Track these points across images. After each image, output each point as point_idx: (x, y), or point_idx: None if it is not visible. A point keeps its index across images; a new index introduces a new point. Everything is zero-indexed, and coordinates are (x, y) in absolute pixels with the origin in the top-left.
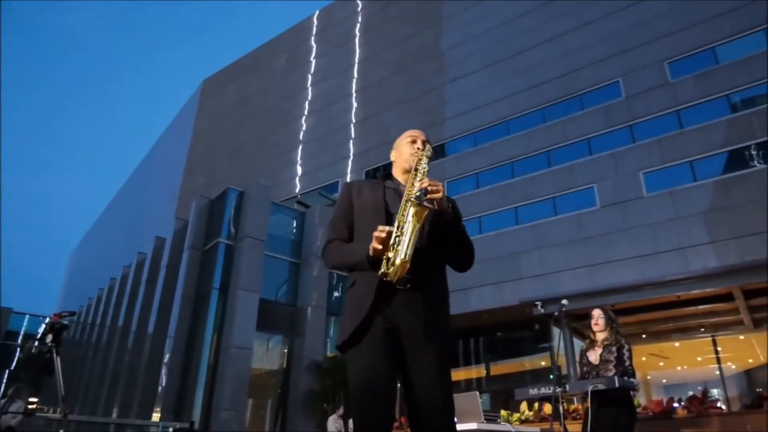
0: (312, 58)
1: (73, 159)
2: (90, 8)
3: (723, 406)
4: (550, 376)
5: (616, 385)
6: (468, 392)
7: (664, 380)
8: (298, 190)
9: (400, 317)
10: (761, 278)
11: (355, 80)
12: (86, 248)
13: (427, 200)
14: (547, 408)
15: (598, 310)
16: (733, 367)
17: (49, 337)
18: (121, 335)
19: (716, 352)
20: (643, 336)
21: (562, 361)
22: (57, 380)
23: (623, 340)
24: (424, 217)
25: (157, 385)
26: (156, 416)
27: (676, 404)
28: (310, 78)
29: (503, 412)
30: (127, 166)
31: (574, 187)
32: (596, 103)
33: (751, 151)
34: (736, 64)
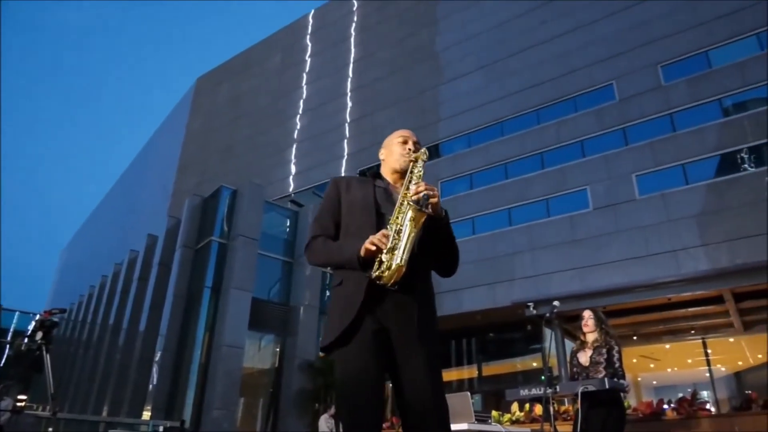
0: (307, 57)
1: (65, 155)
2: (86, 6)
3: (712, 408)
4: (542, 377)
5: (606, 387)
6: (459, 392)
7: (655, 382)
8: (291, 189)
9: (391, 318)
10: (751, 281)
11: (349, 80)
12: (78, 245)
13: (426, 206)
14: (538, 409)
15: (588, 312)
16: (723, 369)
17: (39, 335)
18: (112, 333)
19: (706, 355)
20: (634, 338)
21: (554, 362)
22: (46, 378)
23: (613, 342)
24: (422, 223)
25: (148, 384)
26: (146, 415)
27: (666, 406)
28: (305, 77)
29: (494, 413)
30: (121, 163)
31: (568, 189)
32: (590, 105)
33: (742, 155)
34: (729, 68)
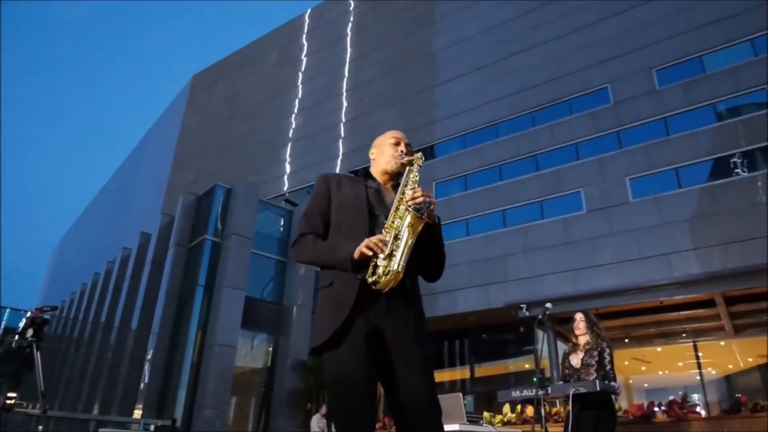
0: (303, 56)
1: (59, 151)
2: (83, 2)
3: (702, 411)
4: (534, 379)
5: (597, 389)
6: (451, 393)
7: (646, 384)
8: (286, 189)
9: (384, 320)
10: (743, 285)
11: (345, 79)
12: (70, 242)
13: (426, 213)
14: (530, 410)
15: (580, 314)
16: (714, 372)
17: (30, 332)
18: (103, 331)
19: (697, 358)
20: (626, 340)
21: (546, 363)
22: (37, 375)
23: (604, 344)
24: (419, 230)
25: (140, 382)
26: (138, 413)
27: (657, 408)
28: (301, 76)
29: (486, 414)
30: (114, 160)
31: (562, 191)
32: (584, 108)
33: (735, 159)
34: (723, 73)
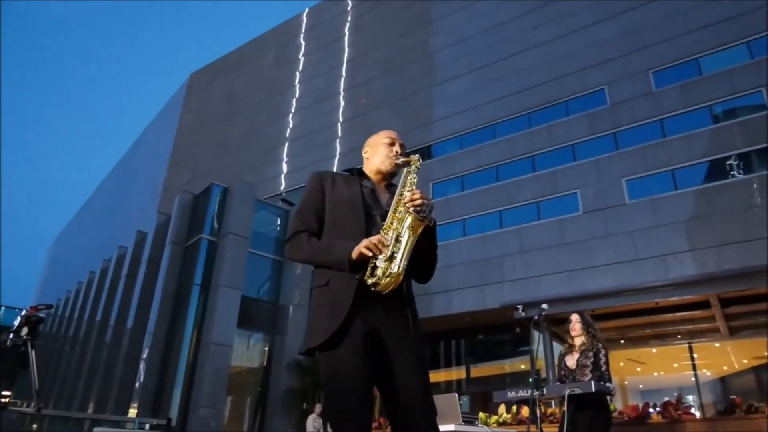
0: (300, 56)
1: (55, 149)
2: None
3: (697, 413)
4: (529, 380)
5: (593, 390)
6: (447, 394)
7: (641, 385)
8: (283, 188)
9: (381, 321)
10: (738, 287)
11: (343, 79)
12: (66, 240)
13: (427, 216)
14: (525, 411)
15: (576, 315)
16: (708, 373)
17: (25, 330)
18: (99, 330)
19: (692, 359)
20: (622, 341)
21: (542, 364)
22: (31, 374)
23: (600, 345)
24: (419, 232)
25: (135, 381)
26: (133, 412)
27: (652, 409)
28: (298, 76)
29: (482, 415)
30: (111, 158)
31: (558, 193)
32: (581, 109)
33: (731, 162)
34: (719, 76)
